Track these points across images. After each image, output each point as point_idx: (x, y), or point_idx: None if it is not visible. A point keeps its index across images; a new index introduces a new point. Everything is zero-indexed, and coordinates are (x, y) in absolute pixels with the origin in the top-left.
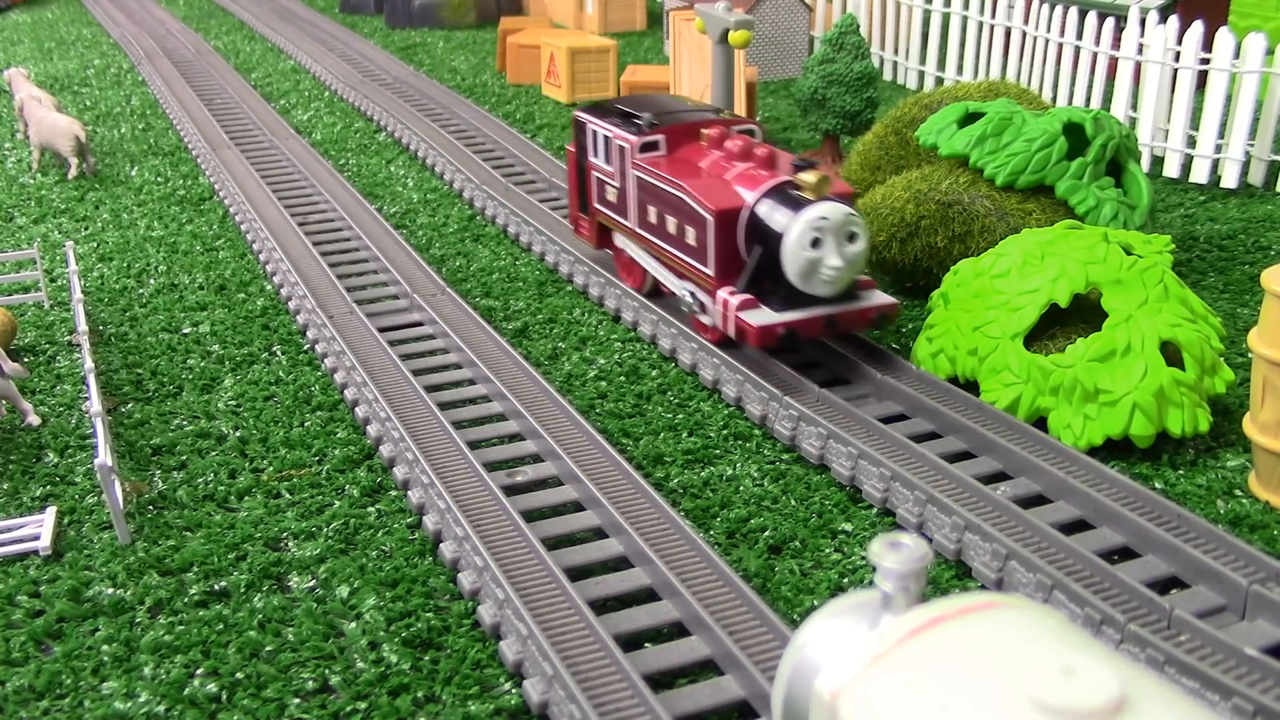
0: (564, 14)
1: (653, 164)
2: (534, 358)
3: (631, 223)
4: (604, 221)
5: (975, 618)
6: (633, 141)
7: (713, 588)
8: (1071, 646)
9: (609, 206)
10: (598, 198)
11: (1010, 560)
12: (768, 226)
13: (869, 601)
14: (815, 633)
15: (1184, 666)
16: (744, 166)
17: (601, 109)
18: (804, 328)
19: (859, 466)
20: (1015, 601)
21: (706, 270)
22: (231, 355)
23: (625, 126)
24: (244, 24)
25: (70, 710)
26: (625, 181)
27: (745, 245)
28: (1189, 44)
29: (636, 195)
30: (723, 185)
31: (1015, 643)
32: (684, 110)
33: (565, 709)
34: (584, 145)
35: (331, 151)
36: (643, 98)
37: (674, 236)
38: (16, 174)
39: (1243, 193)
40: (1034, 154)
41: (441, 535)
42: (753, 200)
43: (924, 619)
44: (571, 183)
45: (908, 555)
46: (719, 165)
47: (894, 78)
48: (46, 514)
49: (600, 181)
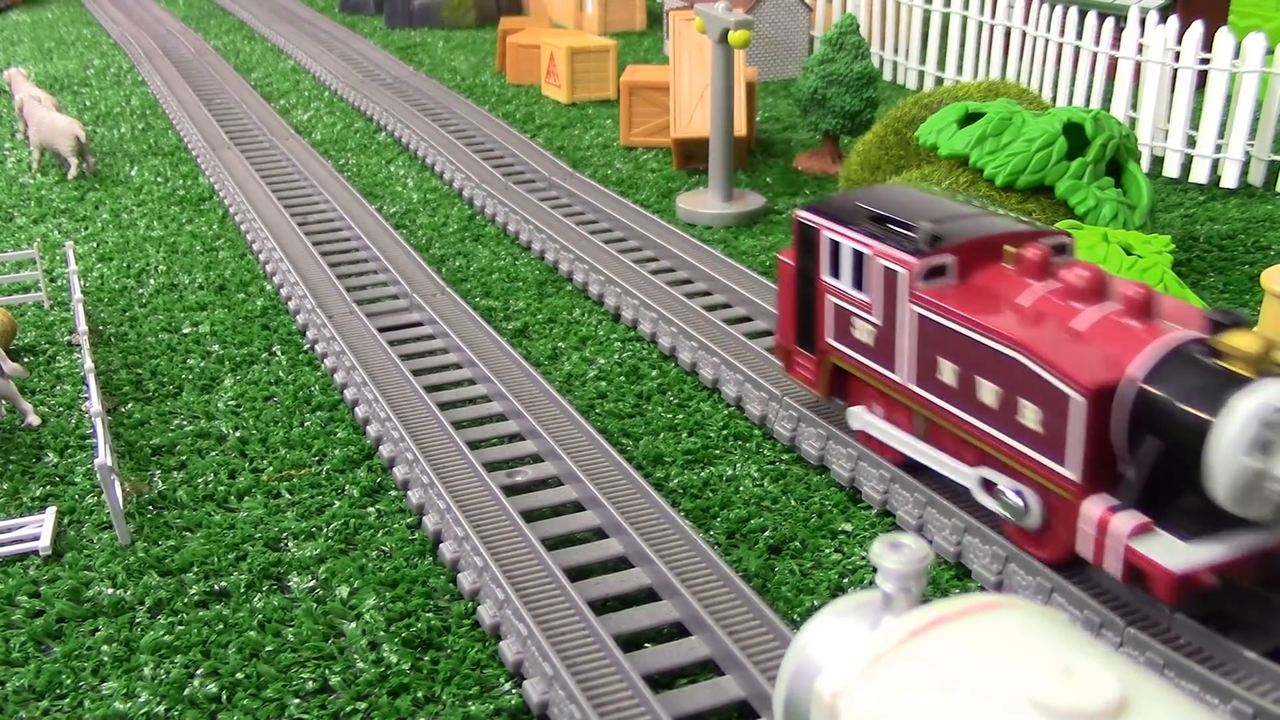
0: (564, 14)
1: (945, 298)
2: (534, 357)
3: (903, 377)
4: (844, 365)
5: (976, 618)
6: (912, 265)
7: (713, 588)
8: (1073, 647)
9: (857, 348)
10: (836, 332)
11: (1010, 563)
12: (1179, 414)
13: (870, 602)
14: (816, 633)
15: (1184, 670)
16: (1100, 310)
17: (843, 210)
18: (1242, 570)
19: (859, 468)
20: (1017, 602)
21: (1061, 469)
22: (231, 355)
23: (892, 240)
24: (244, 24)
25: (70, 710)
26: (894, 319)
27: (1129, 439)
28: (1189, 44)
29: (914, 342)
30: (1082, 344)
31: (1016, 644)
32: (968, 215)
33: (565, 709)
34: (813, 257)
35: (331, 151)
36: (893, 193)
37: (990, 409)
38: (16, 174)
39: (1242, 193)
40: (1034, 154)
41: (441, 535)
42: (1142, 372)
43: (925, 620)
44: (787, 306)
45: (909, 556)
46: (1055, 307)
47: (894, 78)
48: (46, 514)
49: (842, 312)
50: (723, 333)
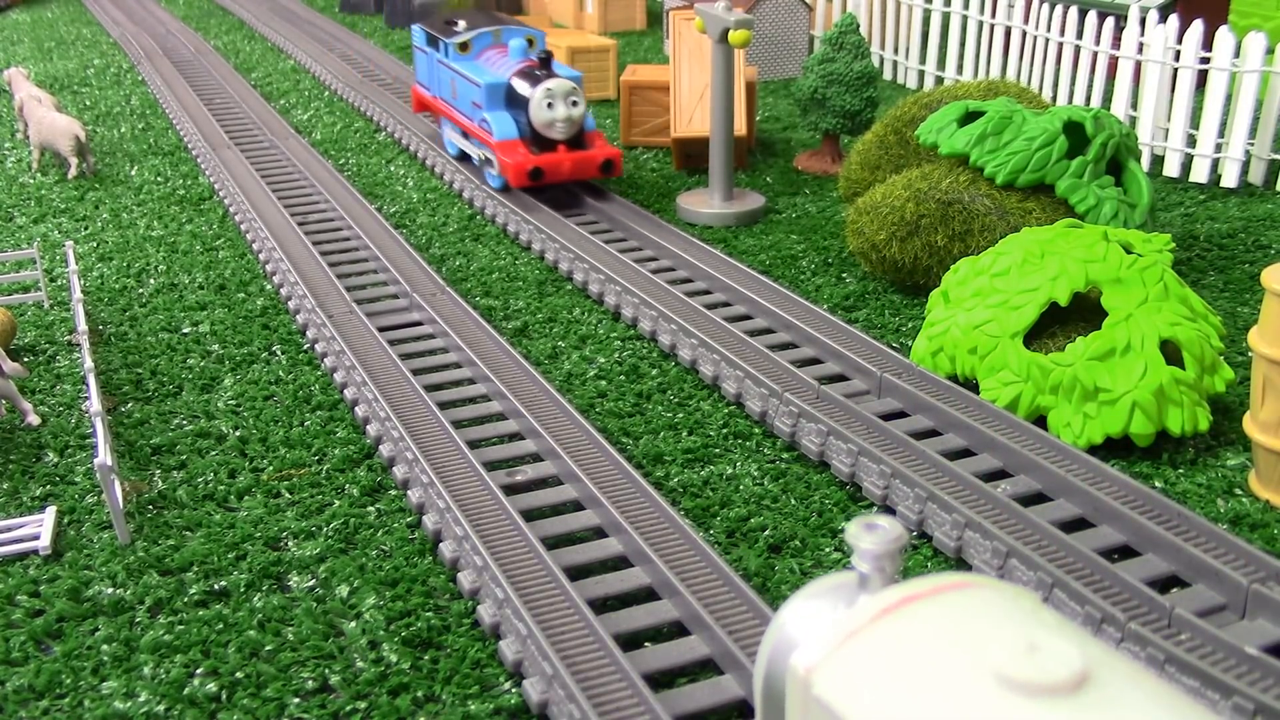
0: (564, 13)
1: None
2: (534, 357)
3: None
4: None
5: (947, 597)
6: None
7: (712, 587)
8: (1040, 625)
9: None
10: None
11: (1010, 558)
12: None
13: (847, 582)
14: (793, 612)
15: (1184, 665)
16: None
17: None
18: None
19: (859, 464)
20: (986, 582)
21: None
22: (231, 355)
23: None
24: (244, 23)
25: (70, 710)
26: None
27: None
28: (1189, 43)
29: None
30: None
31: (984, 621)
32: None
33: (565, 708)
34: None
35: (331, 151)
36: None
37: None
38: (16, 174)
39: (1243, 192)
40: (1034, 153)
41: (441, 535)
42: None
43: (897, 598)
44: None
45: (883, 536)
46: None
47: (894, 77)
48: (46, 514)
49: None
50: (723, 331)
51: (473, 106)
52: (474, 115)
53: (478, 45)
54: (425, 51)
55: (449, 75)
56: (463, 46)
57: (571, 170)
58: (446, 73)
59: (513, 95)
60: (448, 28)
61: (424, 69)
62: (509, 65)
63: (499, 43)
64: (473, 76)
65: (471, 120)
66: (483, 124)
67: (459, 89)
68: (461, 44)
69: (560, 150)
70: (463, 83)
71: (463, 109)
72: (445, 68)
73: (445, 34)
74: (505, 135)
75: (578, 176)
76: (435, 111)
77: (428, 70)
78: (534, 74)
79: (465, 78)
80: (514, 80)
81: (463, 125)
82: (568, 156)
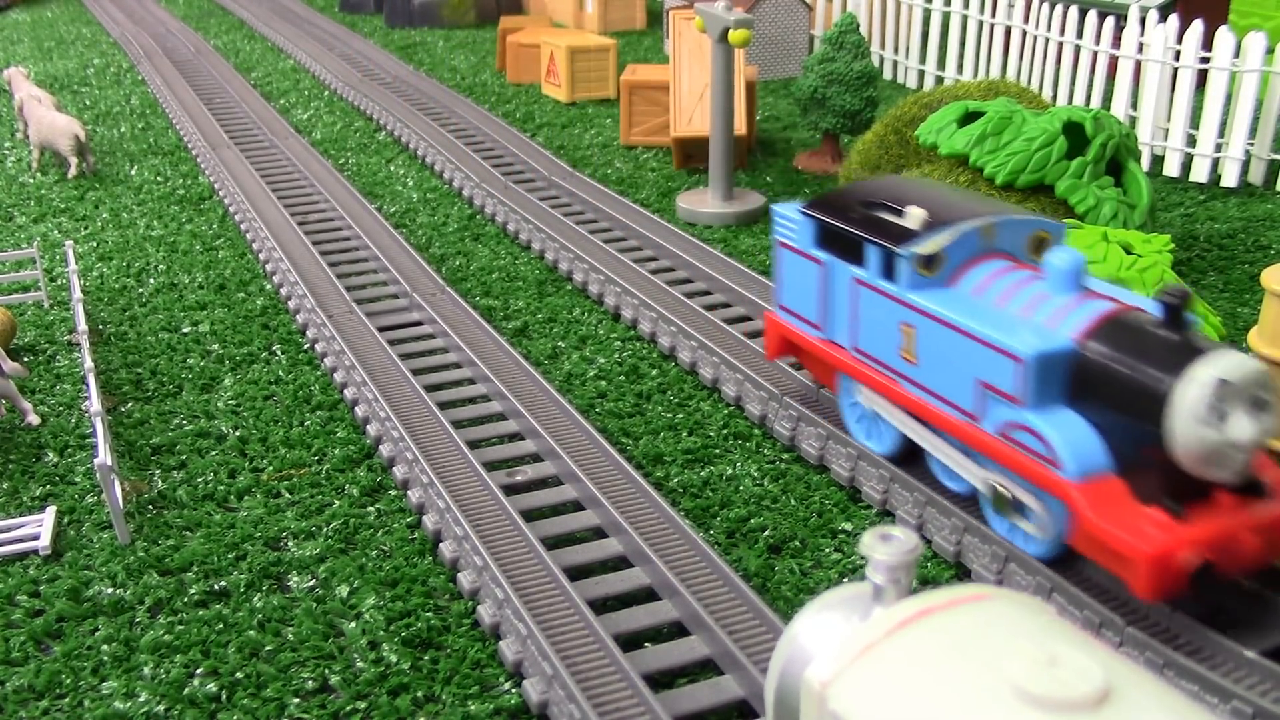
0: (564, 13)
1: None
2: (534, 357)
3: None
4: None
5: (964, 609)
6: None
7: (712, 587)
8: (1058, 638)
9: None
10: None
11: (1010, 563)
12: None
13: (861, 594)
14: (807, 624)
15: (1183, 669)
16: None
17: None
18: None
19: (858, 467)
20: (1003, 593)
21: None
22: (231, 355)
23: None
24: (243, 23)
25: (70, 710)
26: None
27: None
28: (1189, 43)
29: None
30: None
31: (1002, 634)
32: None
33: (565, 709)
34: None
35: (331, 151)
36: None
37: None
38: (16, 173)
39: (1243, 192)
40: (1034, 153)
41: (441, 535)
42: None
43: (913, 610)
44: None
45: (898, 548)
46: None
47: (894, 77)
48: (46, 514)
49: None
50: (722, 332)
51: (978, 390)
52: (984, 408)
53: (955, 257)
54: (814, 259)
55: (890, 316)
56: (927, 263)
57: (1264, 552)
58: (883, 309)
59: (1095, 379)
60: (884, 221)
61: (804, 285)
62: (1055, 305)
63: (994, 249)
64: (978, 330)
65: (970, 418)
66: (1014, 434)
67: (925, 346)
68: (926, 258)
69: (1224, 502)
70: (937, 337)
71: (937, 386)
72: (879, 299)
73: (880, 234)
74: (1090, 467)
75: (1268, 562)
76: (831, 366)
77: (817, 291)
78: (1154, 337)
79: (950, 327)
80: (1096, 347)
81: (936, 419)
82: (1245, 519)
